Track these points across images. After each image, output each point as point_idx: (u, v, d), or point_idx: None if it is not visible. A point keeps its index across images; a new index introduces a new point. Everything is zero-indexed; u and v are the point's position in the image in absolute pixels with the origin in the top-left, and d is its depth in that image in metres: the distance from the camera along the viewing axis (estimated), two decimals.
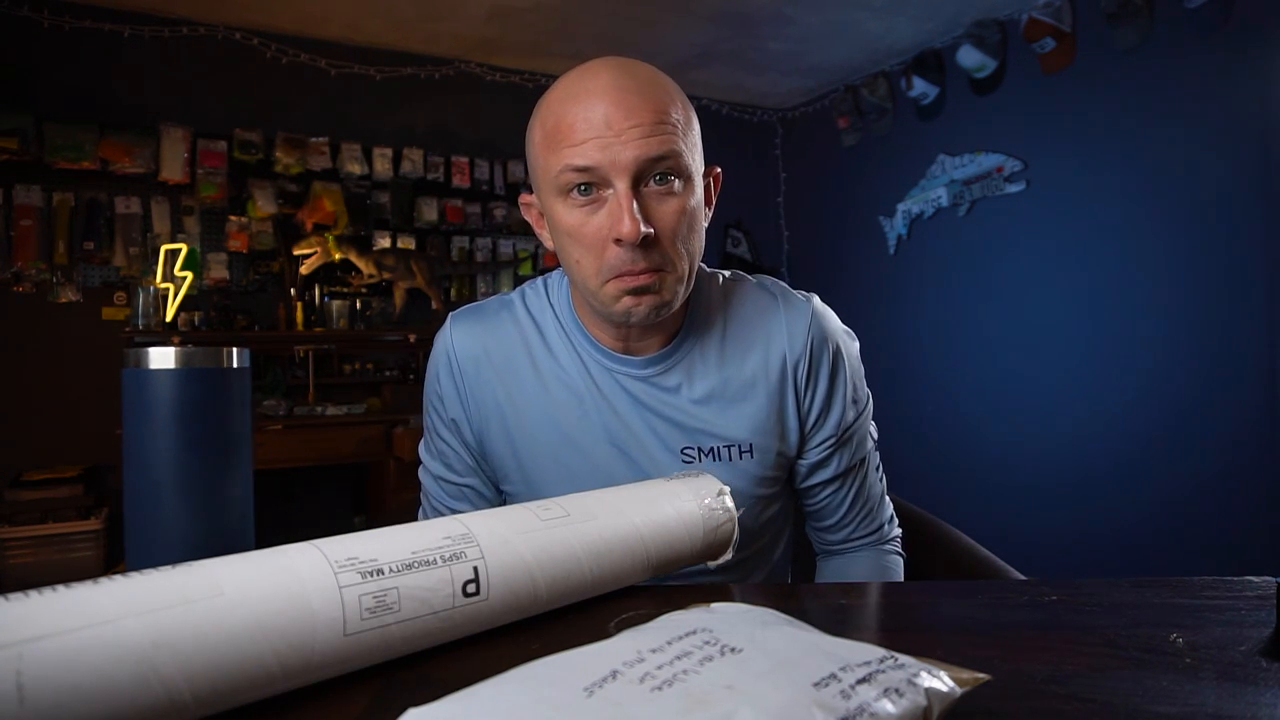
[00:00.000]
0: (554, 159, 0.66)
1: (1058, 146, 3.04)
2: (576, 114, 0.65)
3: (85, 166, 2.86)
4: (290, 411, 2.98)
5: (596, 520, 0.50)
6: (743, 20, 3.25)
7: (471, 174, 3.58)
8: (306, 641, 0.35)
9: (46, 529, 2.45)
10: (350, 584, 0.37)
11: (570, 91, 0.67)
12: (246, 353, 0.50)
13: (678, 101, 0.68)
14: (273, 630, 0.34)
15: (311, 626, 0.35)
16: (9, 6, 2.81)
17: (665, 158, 0.65)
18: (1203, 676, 0.37)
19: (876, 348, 3.77)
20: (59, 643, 0.28)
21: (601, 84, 0.65)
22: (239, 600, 0.34)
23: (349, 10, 3.10)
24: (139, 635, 0.30)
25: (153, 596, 0.32)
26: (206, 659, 0.32)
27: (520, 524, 0.46)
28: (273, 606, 0.34)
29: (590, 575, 0.48)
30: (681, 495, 0.56)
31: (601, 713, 0.27)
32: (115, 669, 0.29)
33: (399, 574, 0.39)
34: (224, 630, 0.33)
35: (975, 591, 0.55)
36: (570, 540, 0.47)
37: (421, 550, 0.40)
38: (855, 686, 0.29)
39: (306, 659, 0.35)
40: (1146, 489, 2.74)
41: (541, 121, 0.69)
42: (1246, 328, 2.49)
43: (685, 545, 0.54)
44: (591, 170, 0.65)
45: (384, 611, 0.38)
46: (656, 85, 0.67)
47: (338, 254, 3.23)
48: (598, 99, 0.65)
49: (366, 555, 0.39)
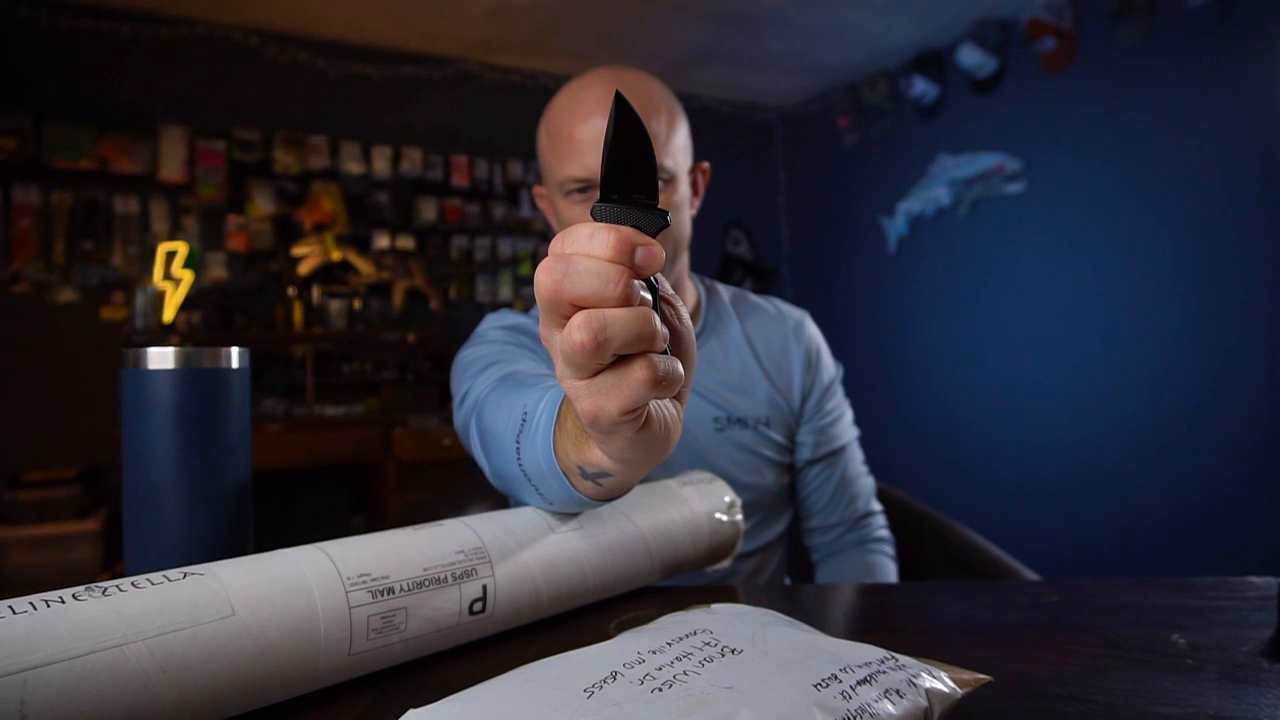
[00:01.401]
0: (556, 165, 0.80)
1: (1058, 146, 3.04)
2: (574, 126, 0.77)
3: (84, 166, 2.86)
4: (289, 412, 2.98)
5: (604, 527, 0.50)
6: (743, 20, 3.25)
7: (471, 173, 3.58)
8: (311, 659, 0.35)
9: (45, 529, 2.45)
10: (360, 604, 0.37)
11: (570, 103, 0.79)
12: (245, 353, 0.50)
13: (662, 111, 0.79)
14: (279, 653, 0.34)
15: (317, 650, 0.35)
16: (8, 6, 2.81)
17: None
18: (1204, 677, 0.37)
19: (876, 346, 3.79)
20: (64, 669, 0.28)
21: (594, 97, 0.77)
22: (249, 622, 0.33)
23: (348, 9, 3.10)
24: (144, 661, 0.30)
25: (161, 617, 0.32)
26: (210, 682, 0.32)
27: (531, 533, 0.46)
28: (281, 629, 0.34)
29: (594, 585, 0.48)
30: (690, 502, 0.56)
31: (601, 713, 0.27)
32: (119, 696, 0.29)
33: (409, 594, 0.39)
34: (230, 653, 0.32)
35: (976, 592, 0.55)
36: (579, 552, 0.47)
37: (433, 567, 0.40)
38: (856, 687, 0.29)
39: (309, 676, 0.35)
40: (1148, 488, 2.74)
41: (546, 128, 0.82)
42: (1247, 327, 2.49)
43: (689, 552, 0.54)
44: (586, 179, 0.78)
45: (390, 631, 0.38)
46: (642, 98, 0.78)
47: (336, 254, 3.23)
48: (592, 112, 0.76)
49: (379, 571, 0.38)
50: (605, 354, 0.30)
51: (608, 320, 0.30)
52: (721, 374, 0.88)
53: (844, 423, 0.95)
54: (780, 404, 0.89)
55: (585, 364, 0.31)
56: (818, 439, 0.91)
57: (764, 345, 0.91)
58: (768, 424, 0.88)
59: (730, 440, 0.86)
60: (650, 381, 0.31)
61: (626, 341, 0.30)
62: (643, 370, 0.31)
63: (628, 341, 0.30)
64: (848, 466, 0.94)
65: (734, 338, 0.91)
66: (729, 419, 0.86)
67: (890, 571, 0.90)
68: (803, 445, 0.92)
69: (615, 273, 0.30)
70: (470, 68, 3.62)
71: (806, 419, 0.91)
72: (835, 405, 0.94)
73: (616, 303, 0.30)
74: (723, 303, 0.94)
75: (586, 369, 0.31)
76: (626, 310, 0.30)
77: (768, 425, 0.88)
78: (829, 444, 0.92)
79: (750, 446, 0.87)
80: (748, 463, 0.86)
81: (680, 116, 0.82)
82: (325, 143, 3.27)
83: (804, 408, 0.91)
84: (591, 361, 0.31)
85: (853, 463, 0.95)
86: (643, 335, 0.30)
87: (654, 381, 0.31)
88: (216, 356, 0.48)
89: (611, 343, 0.30)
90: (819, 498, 0.93)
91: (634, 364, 0.31)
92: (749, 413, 0.87)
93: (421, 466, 2.90)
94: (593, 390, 0.32)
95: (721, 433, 0.86)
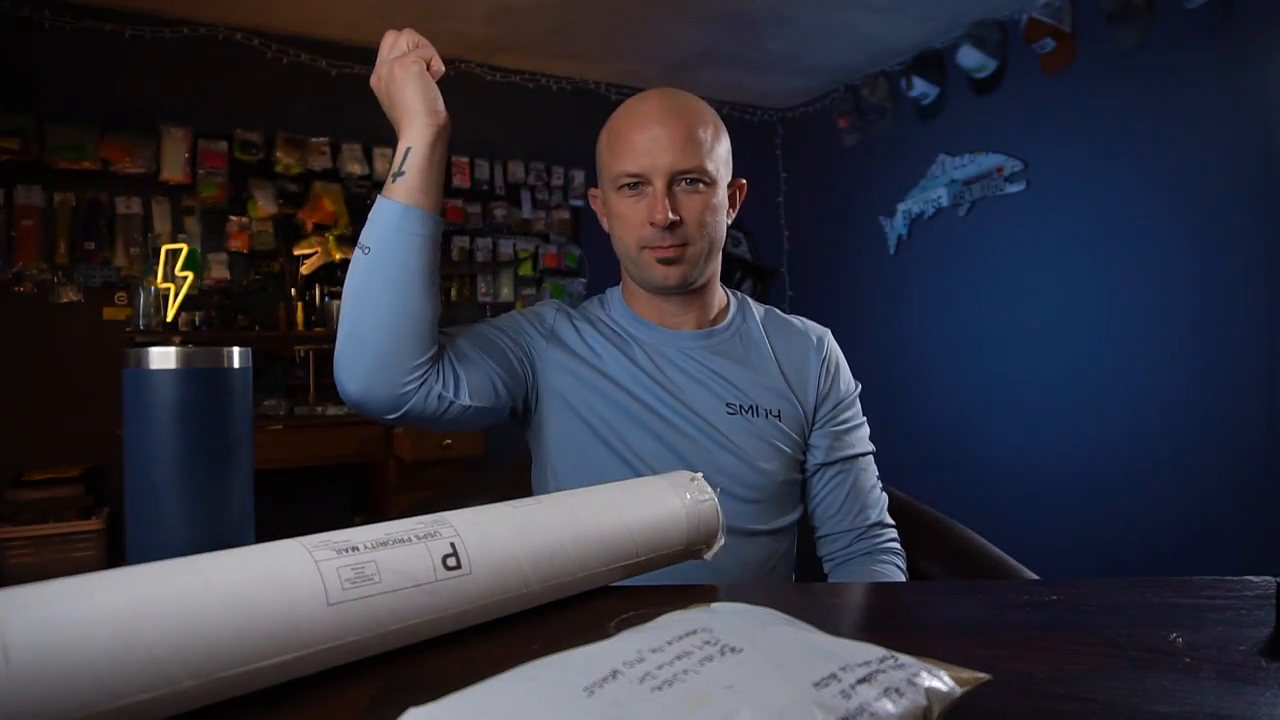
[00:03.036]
0: (614, 163, 0.89)
1: (1058, 147, 3.04)
2: (631, 131, 0.88)
3: (86, 166, 2.87)
4: (290, 411, 2.98)
5: (571, 506, 0.50)
6: (743, 20, 3.25)
7: (471, 174, 3.58)
8: (289, 610, 0.35)
9: (47, 529, 2.45)
10: (326, 559, 0.38)
11: (630, 112, 0.91)
12: (247, 353, 0.50)
13: (709, 125, 0.90)
14: (254, 602, 0.34)
15: (290, 596, 0.35)
16: (10, 6, 2.81)
17: (691, 168, 0.87)
18: (1202, 676, 0.37)
19: (876, 346, 3.79)
20: (42, 610, 0.30)
21: (652, 108, 0.89)
22: (217, 578, 0.34)
23: (349, 10, 3.10)
24: (119, 605, 0.31)
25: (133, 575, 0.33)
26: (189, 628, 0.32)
27: (493, 512, 0.47)
28: (253, 582, 0.35)
29: (575, 556, 0.47)
30: (656, 485, 0.56)
31: (601, 713, 0.27)
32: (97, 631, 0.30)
33: (374, 550, 0.39)
34: (204, 604, 0.33)
35: (975, 591, 0.55)
36: (547, 523, 0.47)
37: (395, 532, 0.41)
38: (855, 686, 0.29)
39: (294, 627, 0.35)
40: (1147, 488, 2.74)
41: (607, 133, 0.92)
42: (1247, 327, 2.49)
43: (669, 526, 0.53)
44: (637, 174, 0.87)
45: (364, 582, 0.38)
46: (693, 112, 0.89)
47: (338, 254, 3.23)
48: (648, 120, 0.88)
49: (339, 538, 0.39)
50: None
51: None
52: (739, 367, 0.93)
53: (859, 433, 0.98)
54: (794, 402, 0.93)
55: None
56: (832, 443, 0.94)
57: (784, 351, 0.96)
58: (779, 416, 0.92)
59: (743, 425, 0.90)
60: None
61: None
62: None
63: None
64: (860, 477, 0.96)
65: (755, 339, 0.97)
66: (741, 406, 0.91)
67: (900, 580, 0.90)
68: (816, 448, 0.94)
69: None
70: (471, 68, 3.62)
71: (820, 423, 0.95)
72: (851, 415, 0.98)
73: None
74: (751, 313, 1.01)
75: None
76: None
77: (779, 418, 0.92)
78: (843, 449, 0.95)
79: (763, 434, 0.91)
80: (760, 448, 0.90)
81: (724, 133, 0.92)
82: (327, 143, 3.28)
83: (817, 413, 0.95)
84: None
85: (866, 474, 0.97)
86: None
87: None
88: (218, 356, 0.48)
89: None
90: (830, 503, 0.94)
91: None
92: (761, 403, 0.92)
93: (423, 466, 2.91)
94: None
95: (733, 417, 0.91)
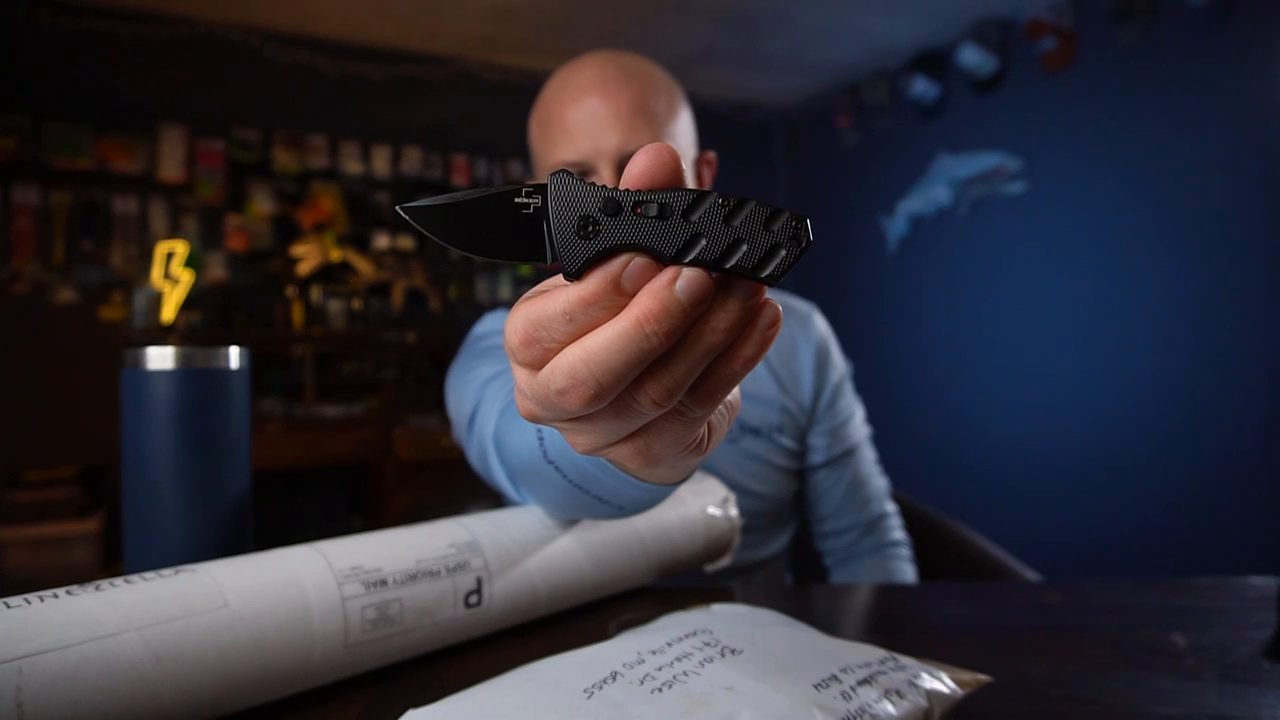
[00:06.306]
0: (548, 150, 0.73)
1: (1059, 146, 3.04)
2: (566, 108, 0.71)
3: (83, 166, 2.86)
4: (289, 412, 2.98)
5: (598, 524, 0.50)
6: (743, 20, 3.25)
7: (471, 173, 3.58)
8: (305, 652, 0.35)
9: (44, 529, 2.45)
10: (353, 595, 0.37)
11: (562, 85, 0.73)
12: (245, 353, 0.50)
13: (661, 92, 0.73)
14: (274, 644, 0.34)
15: (310, 640, 0.35)
16: (7, 5, 2.80)
17: None
18: (1204, 678, 0.37)
19: (876, 346, 3.79)
20: (58, 657, 0.28)
21: (588, 77, 0.72)
22: (242, 612, 0.33)
23: (347, 8, 3.09)
24: (139, 650, 0.30)
25: (155, 608, 0.32)
26: (205, 673, 0.32)
27: (524, 530, 0.46)
28: (275, 619, 0.34)
29: (590, 581, 0.48)
30: (684, 498, 0.56)
31: (601, 714, 0.27)
32: (113, 684, 0.29)
33: (402, 585, 0.39)
34: (224, 644, 0.32)
35: (976, 593, 0.55)
36: (573, 548, 0.47)
37: (426, 559, 0.40)
38: (856, 688, 0.29)
39: (304, 668, 0.35)
40: (1148, 488, 2.74)
41: (536, 116, 0.76)
42: (1248, 327, 2.49)
43: (686, 549, 0.54)
44: (579, 162, 0.71)
45: (385, 624, 0.38)
46: (640, 77, 0.72)
47: (336, 254, 3.23)
48: (585, 93, 0.71)
49: (370, 564, 0.38)
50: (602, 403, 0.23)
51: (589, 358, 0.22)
52: None
53: (855, 422, 0.92)
54: (791, 408, 0.87)
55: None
56: (830, 441, 0.89)
57: (774, 348, 0.88)
58: (780, 430, 0.86)
59: (743, 451, 0.83)
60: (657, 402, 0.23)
61: (620, 375, 0.22)
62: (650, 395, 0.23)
63: (620, 374, 0.22)
64: (860, 467, 0.91)
65: None
66: (742, 428, 0.84)
67: (910, 576, 0.88)
68: (815, 449, 0.89)
69: None
70: (470, 67, 3.62)
71: (818, 420, 0.89)
72: (846, 404, 0.91)
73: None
74: None
75: None
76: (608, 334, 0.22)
77: (780, 432, 0.86)
78: (841, 445, 0.89)
79: (763, 456, 0.84)
80: (760, 472, 0.84)
81: (682, 102, 0.76)
82: (325, 142, 3.27)
83: (815, 409, 0.88)
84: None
85: (865, 463, 0.92)
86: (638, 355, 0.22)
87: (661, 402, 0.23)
88: (216, 356, 0.48)
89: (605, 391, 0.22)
90: (831, 500, 0.90)
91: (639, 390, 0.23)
92: (762, 421, 0.85)
93: (421, 466, 2.90)
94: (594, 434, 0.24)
95: (734, 444, 0.83)
